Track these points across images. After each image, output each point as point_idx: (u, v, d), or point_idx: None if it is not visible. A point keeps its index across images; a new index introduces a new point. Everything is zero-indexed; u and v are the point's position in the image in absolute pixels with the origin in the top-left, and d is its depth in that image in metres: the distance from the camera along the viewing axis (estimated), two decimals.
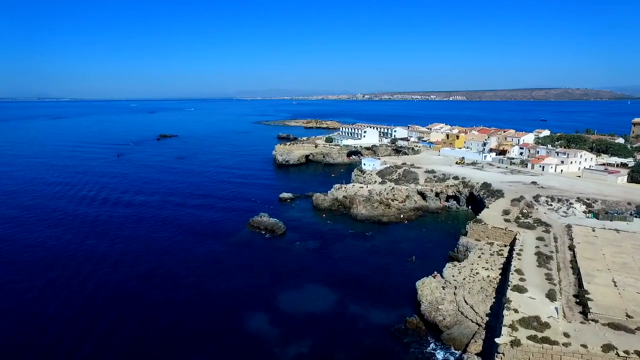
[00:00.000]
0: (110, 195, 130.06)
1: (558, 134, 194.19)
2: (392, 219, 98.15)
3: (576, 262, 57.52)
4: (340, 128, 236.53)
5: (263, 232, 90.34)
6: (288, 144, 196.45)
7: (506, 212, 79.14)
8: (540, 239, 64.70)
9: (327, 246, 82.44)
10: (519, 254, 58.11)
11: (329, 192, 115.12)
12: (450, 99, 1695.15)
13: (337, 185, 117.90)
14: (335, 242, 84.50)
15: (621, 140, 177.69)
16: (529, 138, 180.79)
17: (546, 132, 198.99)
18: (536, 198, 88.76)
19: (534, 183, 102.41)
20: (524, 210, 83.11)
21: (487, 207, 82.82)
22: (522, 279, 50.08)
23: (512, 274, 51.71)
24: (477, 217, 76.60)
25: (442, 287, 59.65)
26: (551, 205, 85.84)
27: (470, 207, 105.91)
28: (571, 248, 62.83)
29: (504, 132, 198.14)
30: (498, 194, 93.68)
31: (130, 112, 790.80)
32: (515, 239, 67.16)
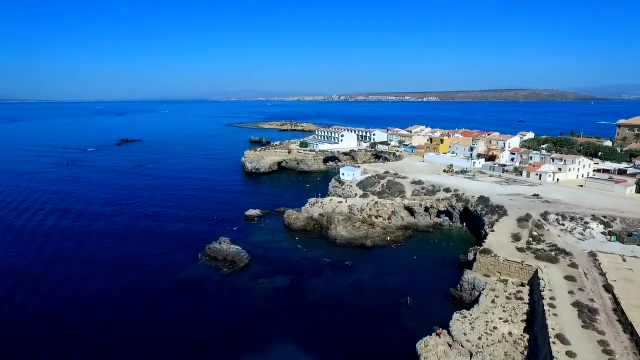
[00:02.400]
0: (32, 206, 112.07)
1: (544, 137, 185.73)
2: (377, 242, 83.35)
3: (622, 312, 44.10)
4: (316, 131, 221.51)
5: (221, 265, 73.62)
6: (259, 149, 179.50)
7: (516, 237, 65.63)
8: (569, 278, 51.03)
9: (299, 283, 66.63)
10: (551, 305, 44.07)
11: (302, 208, 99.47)
12: (425, 99, 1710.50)
13: (312, 200, 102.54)
14: (310, 277, 68.79)
15: (609, 143, 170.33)
16: (514, 141, 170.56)
17: (530, 135, 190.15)
18: (544, 216, 75.89)
19: (536, 196, 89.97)
20: (534, 232, 69.93)
21: (492, 230, 69.09)
22: (570, 353, 35.87)
23: (552, 342, 37.48)
24: (484, 245, 62.55)
25: (449, 344, 45.22)
26: (563, 224, 73.08)
27: (464, 223, 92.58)
28: (608, 289, 49.55)
29: (488, 134, 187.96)
30: (499, 210, 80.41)
31: (96, 115, 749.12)
32: (536, 275, 53.42)
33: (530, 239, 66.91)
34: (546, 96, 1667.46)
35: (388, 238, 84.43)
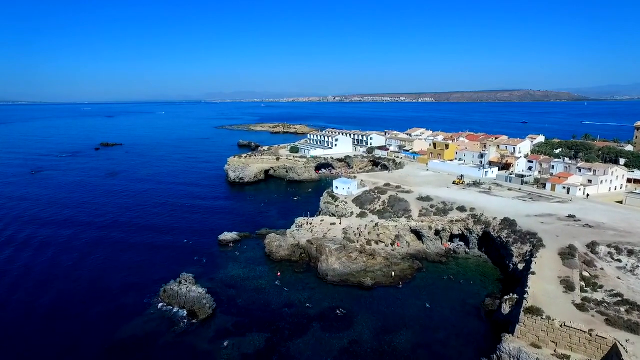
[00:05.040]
0: None
1: (557, 141, 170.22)
2: (378, 278, 66.51)
3: None
4: (308, 135, 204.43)
5: (178, 315, 56.61)
6: (244, 155, 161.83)
7: (567, 284, 48.99)
8: None
9: (277, 347, 49.65)
10: None
11: (288, 230, 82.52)
12: (419, 100, 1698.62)
13: (300, 220, 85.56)
14: (292, 335, 51.84)
15: (630, 148, 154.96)
16: (525, 146, 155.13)
17: (540, 138, 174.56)
18: (592, 248, 59.62)
19: (571, 217, 73.72)
20: (585, 273, 53.65)
21: (532, 272, 52.36)
22: None
23: None
24: (527, 298, 45.63)
25: None
26: (619, 260, 56.79)
27: (483, 249, 76.24)
28: None
29: (495, 138, 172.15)
30: (531, 239, 64.08)
31: (83, 117, 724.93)
32: (614, 353, 36.88)
33: (583, 284, 50.59)
34: (540, 97, 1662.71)
35: (392, 273, 67.61)
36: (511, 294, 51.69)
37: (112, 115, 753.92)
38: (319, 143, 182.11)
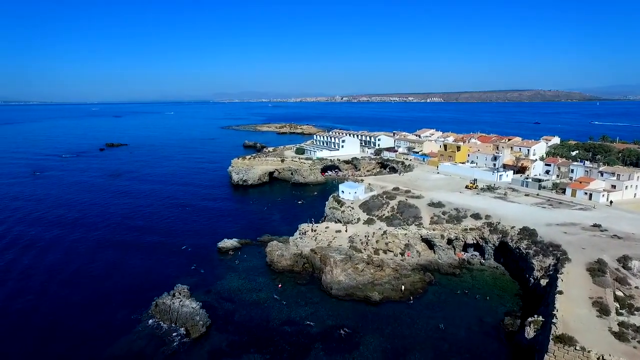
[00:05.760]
0: None
1: (574, 142, 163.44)
2: (386, 293, 61.45)
3: None
4: (315, 136, 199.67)
5: (170, 332, 52.26)
6: (248, 157, 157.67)
7: (601, 307, 43.55)
8: None
9: None
10: None
11: (291, 238, 77.93)
12: (428, 100, 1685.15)
13: (303, 226, 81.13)
14: (291, 359, 47.17)
15: None
16: (540, 148, 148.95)
17: (556, 140, 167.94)
18: (624, 263, 54.06)
19: (597, 226, 68.07)
20: (618, 292, 48.20)
21: (560, 292, 47.02)
22: None
23: None
24: (557, 326, 40.37)
25: None
26: None
27: (502, 259, 70.86)
28: None
29: (509, 139, 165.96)
30: (554, 251, 58.70)
31: (90, 117, 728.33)
32: None
33: (617, 305, 45.21)
34: (551, 97, 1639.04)
35: (402, 287, 62.59)
36: (536, 316, 46.42)
37: (120, 116, 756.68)
38: (325, 144, 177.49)
